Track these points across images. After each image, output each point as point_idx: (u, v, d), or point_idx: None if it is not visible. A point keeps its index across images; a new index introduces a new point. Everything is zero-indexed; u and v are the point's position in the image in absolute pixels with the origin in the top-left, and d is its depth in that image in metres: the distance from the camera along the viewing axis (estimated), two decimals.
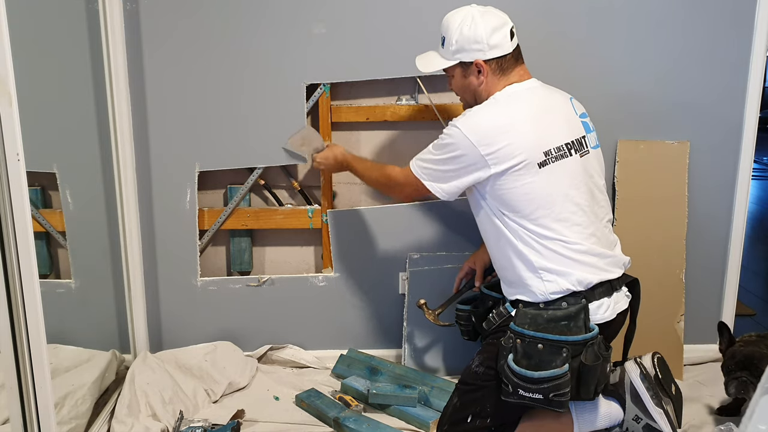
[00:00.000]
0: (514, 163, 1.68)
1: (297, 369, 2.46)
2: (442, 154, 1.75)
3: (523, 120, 1.71)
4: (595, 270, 1.72)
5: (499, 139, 1.68)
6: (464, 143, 1.69)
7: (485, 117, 1.73)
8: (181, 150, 2.31)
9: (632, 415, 1.80)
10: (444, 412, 1.82)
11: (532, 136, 1.69)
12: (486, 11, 1.77)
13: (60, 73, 2.21)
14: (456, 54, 1.78)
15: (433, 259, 2.41)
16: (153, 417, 2.05)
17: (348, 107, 2.36)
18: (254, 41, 2.24)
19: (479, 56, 1.75)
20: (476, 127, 1.70)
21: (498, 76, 1.78)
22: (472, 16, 1.75)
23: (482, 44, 1.74)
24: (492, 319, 1.85)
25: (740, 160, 2.35)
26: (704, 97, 2.31)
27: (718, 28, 2.25)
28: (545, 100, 1.80)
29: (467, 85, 1.82)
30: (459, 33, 1.75)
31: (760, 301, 3.31)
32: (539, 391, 1.59)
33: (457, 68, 1.81)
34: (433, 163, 1.78)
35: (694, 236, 2.37)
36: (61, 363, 2.16)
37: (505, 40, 1.76)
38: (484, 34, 1.73)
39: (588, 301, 1.70)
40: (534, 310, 1.70)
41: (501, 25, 1.75)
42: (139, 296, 2.36)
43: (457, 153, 1.71)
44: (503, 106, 1.74)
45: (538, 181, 1.69)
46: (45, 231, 2.38)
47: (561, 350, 1.61)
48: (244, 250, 2.49)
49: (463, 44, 1.76)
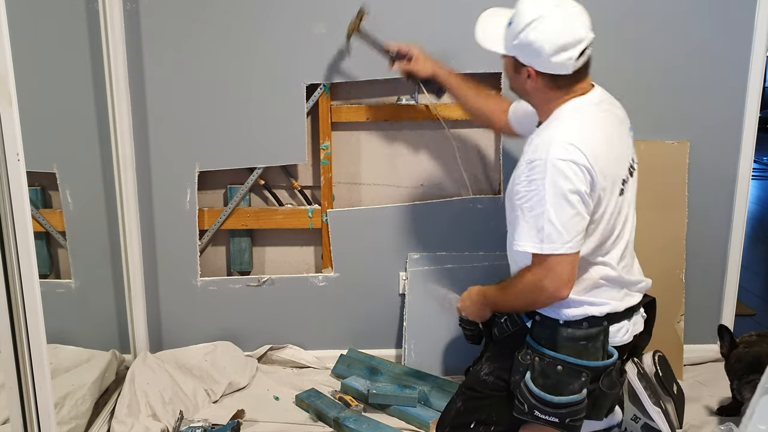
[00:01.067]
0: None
1: (297, 369, 2.46)
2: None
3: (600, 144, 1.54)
4: (621, 298, 1.64)
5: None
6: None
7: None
8: (181, 150, 2.31)
9: (630, 415, 1.80)
10: (445, 414, 1.79)
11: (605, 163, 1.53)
12: (567, 20, 1.51)
13: (60, 73, 2.21)
14: (514, 49, 1.57)
15: (433, 259, 2.41)
16: (153, 417, 2.06)
17: (348, 107, 2.36)
18: (254, 41, 2.23)
19: (534, 66, 1.55)
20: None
21: (551, 89, 1.57)
22: (549, 21, 1.49)
23: (542, 58, 1.51)
24: (504, 326, 1.74)
25: (740, 160, 2.35)
26: (704, 97, 2.31)
27: (718, 28, 2.25)
28: (611, 122, 1.62)
29: (516, 79, 1.62)
30: (525, 32, 1.51)
31: (760, 301, 3.31)
32: (556, 415, 1.56)
33: (510, 59, 1.60)
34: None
35: (694, 236, 2.37)
36: (61, 363, 2.17)
37: (569, 63, 1.51)
38: (549, 49, 1.49)
39: (609, 323, 1.62)
40: (552, 326, 1.61)
41: (572, 45, 1.49)
42: (139, 296, 2.36)
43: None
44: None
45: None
46: (45, 231, 2.38)
47: (581, 374, 1.57)
48: (244, 250, 2.49)
49: (523, 45, 1.53)
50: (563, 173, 1.45)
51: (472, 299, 1.75)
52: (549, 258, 1.48)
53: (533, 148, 1.52)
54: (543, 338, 1.62)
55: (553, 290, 1.50)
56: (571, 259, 1.48)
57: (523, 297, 1.59)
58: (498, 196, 2.37)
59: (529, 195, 1.49)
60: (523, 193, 1.50)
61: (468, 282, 2.34)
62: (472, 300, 1.75)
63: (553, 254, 1.47)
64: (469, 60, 2.23)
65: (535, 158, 1.49)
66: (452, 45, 2.22)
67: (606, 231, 1.57)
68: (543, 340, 1.61)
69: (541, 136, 1.54)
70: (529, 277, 1.53)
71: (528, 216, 1.49)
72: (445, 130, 2.35)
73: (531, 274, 1.53)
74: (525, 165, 1.51)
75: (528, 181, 1.49)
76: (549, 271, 1.49)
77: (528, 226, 1.49)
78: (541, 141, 1.52)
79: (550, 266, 1.48)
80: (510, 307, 1.68)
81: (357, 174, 2.44)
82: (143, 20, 2.20)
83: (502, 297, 1.67)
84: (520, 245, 1.51)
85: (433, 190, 2.44)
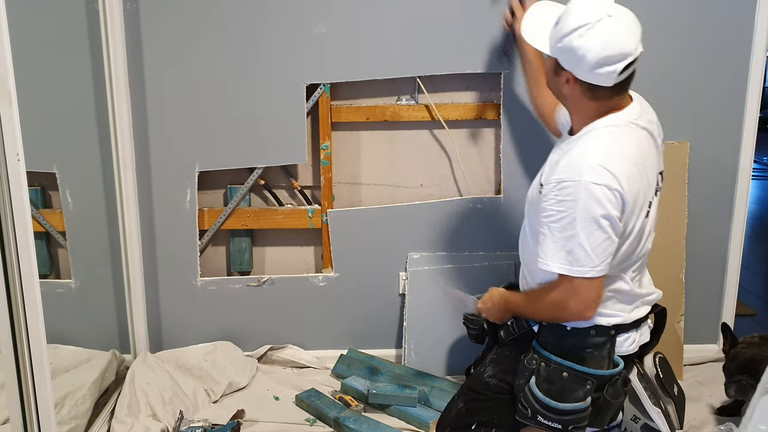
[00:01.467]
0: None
1: (297, 369, 2.46)
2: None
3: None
4: (631, 311, 1.64)
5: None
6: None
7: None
8: (181, 150, 2.31)
9: (630, 415, 1.79)
10: (446, 414, 1.78)
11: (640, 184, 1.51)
12: (616, 32, 1.43)
13: (60, 73, 2.21)
14: (557, 51, 1.51)
15: (433, 259, 2.41)
16: (153, 417, 2.06)
17: (348, 107, 2.36)
18: (254, 41, 2.23)
19: (574, 73, 1.49)
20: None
21: (588, 99, 1.52)
22: (596, 30, 1.42)
23: (583, 67, 1.46)
24: (511, 329, 1.73)
25: (740, 160, 2.35)
26: (704, 97, 2.31)
27: (718, 28, 2.25)
28: (645, 143, 1.57)
29: (555, 80, 1.57)
30: (570, 37, 1.45)
31: (760, 301, 3.31)
32: (560, 422, 1.55)
33: (553, 59, 1.54)
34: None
35: (694, 236, 2.37)
36: (61, 363, 2.17)
37: (611, 77, 1.45)
38: (592, 60, 1.43)
39: (616, 333, 1.61)
40: (559, 332, 1.60)
41: (617, 59, 1.43)
42: (139, 296, 2.36)
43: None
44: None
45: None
46: (45, 231, 2.38)
47: (586, 382, 1.56)
48: (244, 250, 2.49)
49: (566, 50, 1.47)
50: (596, 198, 1.42)
51: (494, 303, 1.73)
52: (575, 280, 1.46)
53: (564, 168, 1.48)
54: (549, 344, 1.61)
55: (577, 311, 1.50)
56: (599, 283, 1.48)
57: (548, 313, 1.58)
58: (498, 196, 2.37)
59: (558, 216, 1.46)
60: (552, 213, 1.47)
61: (468, 282, 2.36)
62: (494, 303, 1.73)
63: (580, 277, 1.45)
64: (469, 60, 2.24)
65: (566, 179, 1.45)
66: (453, 45, 2.23)
67: (628, 251, 1.55)
68: (549, 346, 1.61)
69: (572, 153, 1.50)
70: (555, 296, 1.52)
71: (557, 236, 1.46)
72: (445, 130, 2.36)
73: (557, 293, 1.51)
74: (554, 184, 1.47)
75: (557, 201, 1.46)
76: (575, 293, 1.48)
77: (556, 246, 1.46)
78: (572, 160, 1.48)
79: (576, 289, 1.47)
80: (532, 317, 1.66)
81: (357, 174, 2.44)
82: (143, 20, 2.20)
83: (525, 307, 1.66)
84: (547, 264, 1.49)
85: (433, 190, 2.44)
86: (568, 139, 1.59)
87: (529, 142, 2.30)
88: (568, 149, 1.53)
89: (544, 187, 1.53)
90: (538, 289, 1.62)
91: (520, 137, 2.31)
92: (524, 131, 2.30)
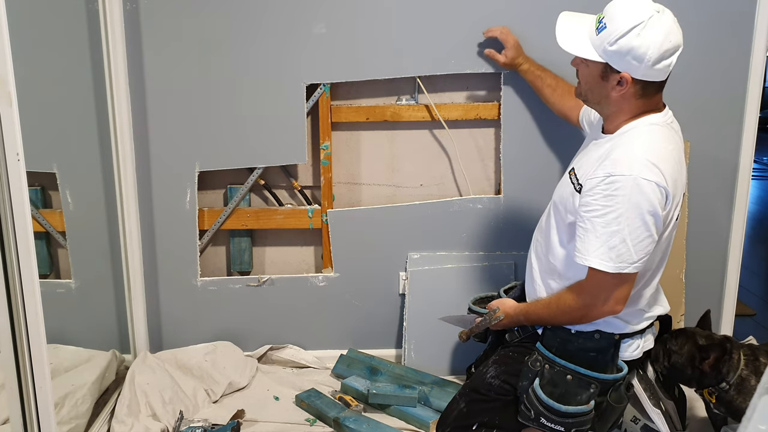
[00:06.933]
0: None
1: (297, 369, 2.46)
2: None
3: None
4: (638, 323, 1.65)
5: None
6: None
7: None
8: (181, 150, 2.31)
9: (630, 416, 1.80)
10: (447, 414, 1.77)
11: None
12: (669, 27, 1.45)
13: (60, 73, 2.21)
14: (608, 55, 1.49)
15: (433, 259, 2.41)
16: (153, 417, 2.06)
17: (348, 107, 2.35)
18: (254, 41, 2.23)
19: (631, 72, 1.48)
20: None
21: (638, 97, 1.53)
22: (653, 26, 1.44)
23: (644, 65, 1.46)
24: (516, 333, 1.76)
25: (740, 160, 2.35)
26: (704, 97, 2.30)
27: (718, 28, 2.25)
28: (681, 146, 1.58)
29: (600, 86, 1.54)
30: (627, 37, 1.44)
31: (760, 301, 3.31)
32: (563, 424, 1.56)
33: (600, 65, 1.52)
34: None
35: (694, 236, 2.37)
36: (61, 363, 2.17)
37: (666, 71, 1.49)
38: (654, 56, 1.44)
39: (621, 338, 1.63)
40: (563, 334, 1.62)
41: (672, 52, 1.46)
42: (139, 296, 2.36)
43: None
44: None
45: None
46: (45, 231, 2.38)
47: (590, 385, 1.57)
48: (244, 250, 2.49)
49: (623, 51, 1.45)
50: (645, 194, 1.43)
51: (511, 319, 1.70)
52: (610, 276, 1.47)
53: (612, 163, 1.47)
54: (554, 346, 1.62)
55: (609, 306, 1.51)
56: (633, 279, 1.49)
57: (575, 313, 1.56)
58: (498, 196, 2.37)
59: (604, 210, 1.46)
60: (597, 207, 1.47)
61: (468, 282, 2.36)
62: (510, 319, 1.71)
63: (618, 273, 1.46)
64: (469, 60, 2.24)
65: (616, 173, 1.45)
66: (453, 45, 2.23)
67: (652, 259, 1.54)
68: (554, 348, 1.62)
69: (619, 150, 1.49)
70: (585, 294, 1.52)
71: (600, 231, 1.46)
72: (445, 130, 2.36)
73: (588, 290, 1.52)
74: (601, 178, 1.47)
75: (604, 195, 1.46)
76: (606, 289, 1.49)
77: (599, 241, 1.46)
78: (621, 156, 1.47)
79: (610, 284, 1.48)
80: (553, 323, 1.64)
81: (357, 174, 2.44)
82: (143, 20, 2.20)
83: (546, 314, 1.63)
84: (586, 259, 1.48)
85: (432, 190, 2.44)
86: (605, 136, 1.60)
87: (529, 142, 2.30)
88: (612, 146, 1.53)
89: (586, 182, 1.51)
90: (562, 292, 1.60)
91: (520, 137, 2.31)
92: (524, 131, 2.30)
